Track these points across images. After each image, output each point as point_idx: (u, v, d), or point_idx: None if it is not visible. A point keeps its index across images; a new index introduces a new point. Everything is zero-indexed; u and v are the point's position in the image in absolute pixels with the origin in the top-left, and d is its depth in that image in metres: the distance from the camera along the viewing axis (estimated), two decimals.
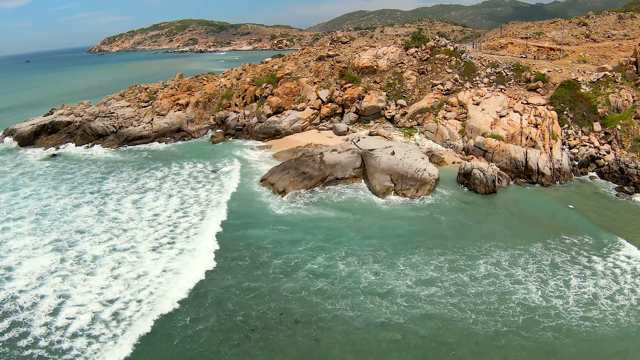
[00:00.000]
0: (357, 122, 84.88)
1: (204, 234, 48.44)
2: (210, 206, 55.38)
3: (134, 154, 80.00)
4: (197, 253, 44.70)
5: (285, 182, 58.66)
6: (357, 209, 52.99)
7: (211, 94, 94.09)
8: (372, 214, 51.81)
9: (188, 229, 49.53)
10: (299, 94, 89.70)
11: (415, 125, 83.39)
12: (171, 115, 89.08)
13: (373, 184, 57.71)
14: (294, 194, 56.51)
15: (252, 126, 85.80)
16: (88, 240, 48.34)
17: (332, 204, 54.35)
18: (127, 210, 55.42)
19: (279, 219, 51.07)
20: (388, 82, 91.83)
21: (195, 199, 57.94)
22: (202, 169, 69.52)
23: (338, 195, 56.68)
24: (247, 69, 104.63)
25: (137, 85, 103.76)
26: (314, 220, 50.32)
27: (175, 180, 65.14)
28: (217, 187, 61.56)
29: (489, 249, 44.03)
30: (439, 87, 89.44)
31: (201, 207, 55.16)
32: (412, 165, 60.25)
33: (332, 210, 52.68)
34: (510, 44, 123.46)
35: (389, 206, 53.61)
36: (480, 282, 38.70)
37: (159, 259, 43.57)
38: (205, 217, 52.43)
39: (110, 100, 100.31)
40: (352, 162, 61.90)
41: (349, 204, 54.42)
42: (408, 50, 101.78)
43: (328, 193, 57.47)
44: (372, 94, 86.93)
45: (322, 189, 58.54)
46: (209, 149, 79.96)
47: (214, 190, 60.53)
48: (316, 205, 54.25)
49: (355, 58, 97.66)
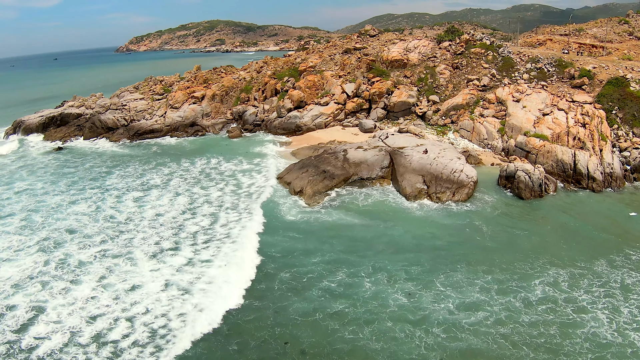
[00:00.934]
0: (385, 118, 77.86)
1: (220, 239, 42.26)
2: (223, 208, 48.98)
3: (143, 148, 74.49)
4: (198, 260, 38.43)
5: (302, 181, 52.08)
6: (385, 215, 45.74)
7: (229, 87, 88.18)
8: (403, 220, 44.52)
9: (195, 234, 43.19)
10: (322, 88, 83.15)
11: (449, 123, 76.13)
12: (185, 109, 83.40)
13: (403, 186, 50.71)
14: (312, 195, 49.87)
15: (271, 121, 79.55)
16: (78, 241, 42.53)
17: (356, 208, 47.33)
18: (126, 209, 49.56)
19: (293, 225, 44.36)
20: (419, 76, 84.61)
21: (206, 198, 51.75)
22: (216, 165, 63.50)
23: (363, 198, 49.66)
24: (269, 62, 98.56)
25: (152, 78, 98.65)
26: (334, 227, 43.40)
27: (184, 177, 59.21)
28: (232, 186, 55.32)
29: (542, 265, 36.64)
30: (474, 82, 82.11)
31: (212, 208, 48.87)
32: (447, 166, 53.07)
33: (356, 216, 45.61)
34: (549, 41, 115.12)
35: (422, 212, 46.30)
36: (535, 308, 31.38)
37: (159, 270, 37.06)
38: (217, 219, 46.12)
39: (123, 93, 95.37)
40: (379, 161, 54.98)
41: (376, 209, 47.28)
42: (441, 43, 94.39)
43: (351, 195, 50.56)
44: (402, 89, 79.84)
45: (345, 190, 51.77)
46: (223, 145, 73.94)
47: (228, 190, 54.25)
48: (337, 209, 47.40)
49: (384, 51, 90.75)
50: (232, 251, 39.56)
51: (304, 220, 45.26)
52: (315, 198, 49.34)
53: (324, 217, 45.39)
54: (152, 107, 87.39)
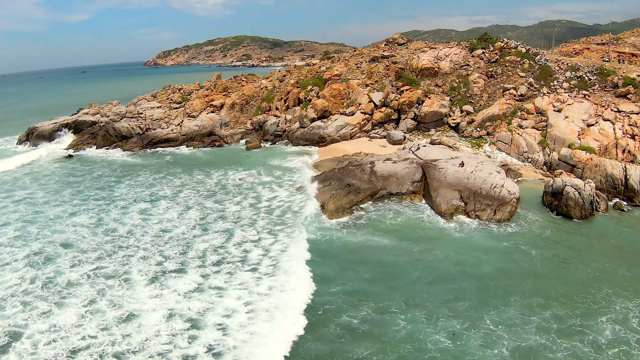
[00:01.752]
0: (415, 130, 72.33)
1: (232, 261, 36.60)
2: (239, 224, 43.52)
3: (156, 157, 70.25)
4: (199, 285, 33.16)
5: (324, 195, 46.76)
6: (419, 236, 39.76)
7: (249, 95, 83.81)
8: (440, 242, 38.44)
9: (204, 252, 38.00)
10: (348, 97, 78.14)
11: (485, 134, 70.27)
12: (203, 118, 79.16)
13: (437, 202, 44.98)
14: (334, 211, 44.41)
15: (293, 132, 74.70)
16: (72, 256, 37.83)
17: (385, 228, 41.52)
18: (130, 222, 44.88)
19: (312, 244, 38.66)
20: (451, 85, 79.01)
21: (221, 213, 46.64)
22: (233, 177, 58.64)
23: (392, 216, 43.93)
24: (292, 71, 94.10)
25: (171, 86, 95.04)
26: (358, 250, 37.55)
27: (196, 189, 54.46)
28: (251, 199, 50.21)
29: (607, 298, 30.51)
30: (511, 91, 76.33)
31: (226, 224, 43.62)
32: (486, 180, 47.20)
33: (385, 237, 39.64)
34: (586, 50, 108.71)
35: (462, 233, 40.22)
36: (607, 353, 25.36)
37: (159, 296, 31.66)
38: (231, 236, 40.82)
39: (140, 101, 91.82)
40: (410, 174, 49.40)
41: (408, 228, 41.41)
42: (474, 51, 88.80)
43: (379, 212, 44.93)
44: (434, 98, 74.30)
45: (372, 206, 46.25)
46: (242, 156, 69.22)
47: (246, 204, 49.08)
48: (363, 227, 41.79)
49: (413, 59, 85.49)
50: (248, 276, 33.99)
51: (325, 239, 39.69)
52: (338, 214, 43.91)
53: (348, 237, 39.76)
54: (169, 115, 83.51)
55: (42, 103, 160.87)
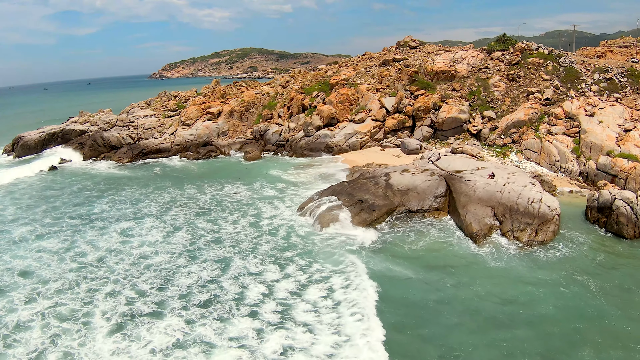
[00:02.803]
0: (432, 138, 65.52)
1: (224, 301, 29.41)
2: (237, 250, 36.27)
3: (146, 169, 63.72)
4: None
5: (332, 214, 39.81)
6: (450, 264, 32.43)
7: (250, 102, 77.37)
8: (478, 273, 31.00)
9: (190, 288, 30.73)
10: (357, 103, 71.53)
11: (510, 142, 63.41)
12: (198, 126, 72.72)
13: (467, 221, 37.94)
14: (343, 232, 37.49)
15: (296, 141, 68.06)
16: (29, 289, 31.31)
17: (406, 253, 34.29)
18: (106, 245, 38.16)
19: None
20: (470, 89, 72.26)
21: (214, 235, 39.76)
22: (230, 191, 51.90)
23: (414, 238, 36.69)
24: (296, 76, 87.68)
25: (166, 93, 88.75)
26: (377, 284, 30.16)
27: (187, 205, 47.79)
28: (250, 218, 43.30)
29: None
30: (536, 95, 69.59)
31: (221, 251, 36.31)
32: (522, 194, 40.21)
33: (408, 266, 32.32)
34: (609, 52, 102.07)
35: (501, 260, 32.77)
36: None
37: (121, 352, 24.40)
38: (227, 268, 33.48)
39: (133, 109, 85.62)
40: (432, 188, 42.43)
41: (434, 254, 34.19)
42: (492, 54, 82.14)
43: (397, 233, 37.81)
44: (451, 103, 67.53)
45: (388, 226, 39.28)
46: (241, 168, 62.56)
47: (245, 222, 42.17)
48: (379, 252, 34.76)
49: (427, 62, 78.87)
50: (246, 325, 26.61)
51: (328, 258, 32.81)
52: (347, 235, 37.01)
53: (343, 257, 32.78)
54: (163, 124, 77.19)
55: (44, 115, 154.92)
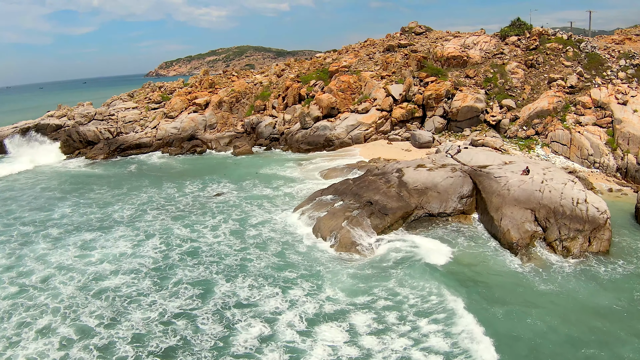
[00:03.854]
0: (444, 129, 58.28)
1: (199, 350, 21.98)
2: (218, 267, 28.77)
3: (120, 167, 56.43)
4: None
5: (335, 220, 32.43)
6: (487, 284, 24.91)
7: (240, 92, 69.98)
8: (525, 300, 23.37)
9: (150, 326, 23.22)
10: (360, 92, 64.23)
11: (533, 134, 56.27)
12: (183, 119, 65.38)
13: (504, 228, 30.66)
14: (350, 244, 30.12)
15: (292, 134, 60.77)
16: None
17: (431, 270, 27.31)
18: (58, 260, 30.89)
19: (332, 303, 24.45)
20: (486, 76, 65.02)
21: (192, 246, 32.33)
22: (214, 191, 44.65)
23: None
24: (292, 65, 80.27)
25: (151, 84, 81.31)
26: None
27: (165, 208, 40.54)
28: (233, 224, 35.98)
29: None
30: (558, 82, 62.49)
31: (198, 270, 28.66)
32: (564, 193, 33.00)
33: None
34: (628, 40, 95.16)
35: (553, 282, 24.91)
36: None
37: None
38: (207, 293, 25.90)
39: (115, 102, 78.18)
40: (456, 187, 35.09)
41: (467, 271, 26.67)
42: (506, 39, 74.93)
43: (418, 242, 30.69)
44: (466, 91, 60.28)
45: (405, 233, 32.01)
46: (229, 164, 55.29)
47: (229, 229, 34.87)
48: (396, 267, 27.42)
49: (437, 47, 71.61)
50: None
51: (345, 288, 25.33)
52: (356, 248, 29.71)
53: (377, 288, 25.29)
54: (145, 117, 69.84)
55: (38, 112, 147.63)
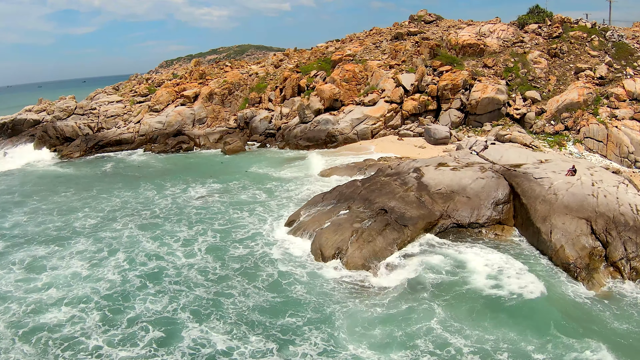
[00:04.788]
0: (461, 124, 51.75)
1: None
2: (189, 297, 22.29)
3: (95, 166, 49.97)
4: None
5: (341, 232, 25.76)
6: (547, 322, 18.00)
7: (234, 83, 63.43)
8: (602, 346, 16.53)
9: None
10: (366, 82, 57.70)
11: (562, 129, 49.82)
12: (169, 112, 58.88)
13: (555, 243, 24.04)
14: (360, 264, 23.48)
15: (290, 129, 54.25)
16: None
17: (465, 300, 20.68)
18: None
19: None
20: (506, 65, 58.50)
21: (160, 268, 25.31)
22: (196, 195, 38.01)
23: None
24: (291, 55, 73.75)
25: (138, 76, 74.86)
26: None
27: (138, 214, 34.05)
28: (213, 235, 29.34)
29: None
30: (587, 73, 56.25)
31: (162, 302, 22.10)
32: (620, 199, 26.47)
33: (472, 325, 18.38)
34: None
35: (629, 319, 18.17)
36: None
37: None
38: (171, 338, 19.28)
39: (98, 95, 71.84)
40: (489, 190, 28.43)
41: (512, 306, 19.80)
42: (525, 27, 68.45)
43: (445, 260, 23.93)
44: (485, 82, 53.76)
45: (428, 249, 25.37)
46: (217, 163, 48.75)
47: (202, 245, 28.07)
48: (423, 301, 20.83)
49: (450, 35, 65.12)
50: None
51: (374, 340, 18.43)
52: (372, 271, 23.09)
53: (419, 332, 18.62)
54: (129, 111, 63.45)
55: None
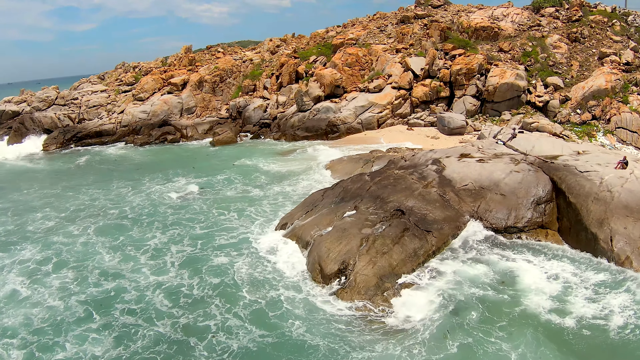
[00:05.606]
0: (477, 112, 46.62)
1: None
2: (144, 339, 16.50)
3: (69, 160, 44.87)
4: None
5: (346, 241, 20.52)
6: None
7: (226, 70, 58.18)
8: None
9: None
10: (370, 67, 52.55)
11: (590, 119, 44.79)
12: (154, 101, 53.65)
13: (618, 253, 18.86)
14: (375, 285, 18.26)
15: (287, 118, 49.12)
16: None
17: (518, 331, 15.30)
18: None
19: None
20: (523, 50, 53.38)
21: (116, 283, 20.27)
22: (175, 191, 32.75)
23: (514, 294, 17.85)
24: (289, 41, 68.50)
25: (125, 64, 69.65)
26: None
27: (104, 215, 28.91)
28: (198, 244, 23.84)
29: None
30: (612, 58, 51.51)
31: (106, 342, 16.57)
32: None
33: None
34: None
35: None
36: None
37: None
38: None
39: (82, 85, 66.68)
40: (527, 185, 23.20)
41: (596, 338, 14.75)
42: (541, 10, 63.38)
43: (494, 279, 18.90)
44: (503, 66, 48.63)
45: (453, 262, 20.23)
46: (203, 156, 43.56)
47: (175, 256, 22.65)
48: (480, 337, 15.86)
49: (461, 17, 59.98)
50: None
51: None
52: (383, 291, 17.93)
53: None
54: (114, 101, 58.36)
55: None
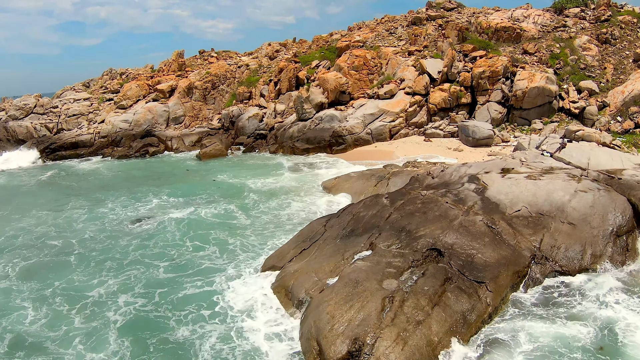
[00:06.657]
0: (503, 121, 40.72)
1: None
2: None
3: (32, 175, 38.99)
4: None
5: (359, 302, 14.20)
6: None
7: (219, 76, 52.59)
8: None
9: None
10: (379, 71, 46.88)
11: (632, 127, 38.96)
12: (137, 110, 47.98)
13: None
14: None
15: (285, 129, 43.33)
16: None
17: None
18: None
19: None
20: (551, 51, 47.70)
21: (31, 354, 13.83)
22: (141, 216, 26.48)
23: None
24: (289, 46, 63.03)
25: (112, 70, 64.29)
26: None
27: (44, 245, 22.89)
28: (144, 293, 17.48)
29: None
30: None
31: None
32: None
33: None
34: None
35: None
36: None
37: None
38: None
39: (66, 92, 61.36)
40: (602, 210, 17.15)
41: None
42: (564, 11, 57.90)
43: (593, 344, 12.83)
44: (530, 69, 42.88)
45: (518, 320, 14.21)
46: (183, 172, 37.51)
47: (123, 315, 15.91)
48: None
49: (479, 18, 54.49)
50: None
51: None
52: None
53: None
54: (97, 110, 52.95)
55: None
